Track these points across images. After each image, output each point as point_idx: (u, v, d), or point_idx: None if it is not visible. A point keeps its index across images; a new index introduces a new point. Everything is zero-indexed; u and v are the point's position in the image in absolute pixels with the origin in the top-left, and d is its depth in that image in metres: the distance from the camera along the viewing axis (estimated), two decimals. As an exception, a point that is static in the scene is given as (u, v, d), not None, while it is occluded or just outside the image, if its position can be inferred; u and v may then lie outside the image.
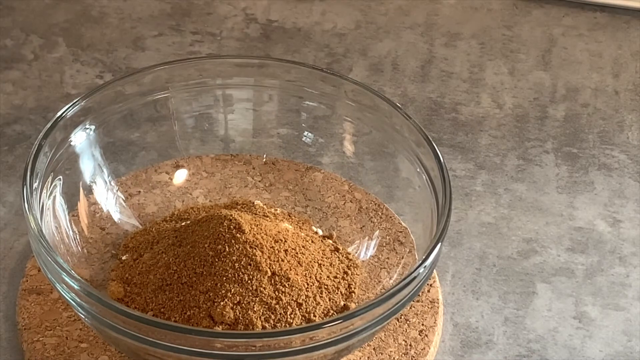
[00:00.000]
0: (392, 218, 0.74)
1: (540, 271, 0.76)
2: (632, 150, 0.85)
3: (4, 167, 0.80)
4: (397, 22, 0.96)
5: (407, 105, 0.88)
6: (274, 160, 0.78)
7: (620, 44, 0.95)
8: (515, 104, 0.89)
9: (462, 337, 0.71)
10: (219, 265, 0.66)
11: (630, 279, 0.76)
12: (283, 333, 0.60)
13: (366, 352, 0.68)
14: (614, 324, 0.73)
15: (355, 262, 0.71)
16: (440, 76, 0.91)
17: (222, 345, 0.59)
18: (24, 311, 0.69)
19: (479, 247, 0.77)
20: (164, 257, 0.68)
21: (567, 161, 0.84)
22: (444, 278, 0.75)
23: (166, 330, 0.59)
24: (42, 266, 0.63)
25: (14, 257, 0.74)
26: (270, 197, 0.76)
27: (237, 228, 0.67)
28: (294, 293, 0.66)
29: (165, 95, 0.75)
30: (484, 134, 0.86)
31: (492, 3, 0.98)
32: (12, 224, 0.76)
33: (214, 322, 0.65)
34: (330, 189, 0.76)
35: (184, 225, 0.71)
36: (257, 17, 0.95)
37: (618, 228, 0.79)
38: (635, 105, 0.89)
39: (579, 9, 0.98)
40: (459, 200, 0.80)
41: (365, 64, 0.91)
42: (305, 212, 0.75)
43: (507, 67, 0.92)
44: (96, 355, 0.67)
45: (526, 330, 0.72)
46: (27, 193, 0.64)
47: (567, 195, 0.82)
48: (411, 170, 0.72)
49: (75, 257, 0.70)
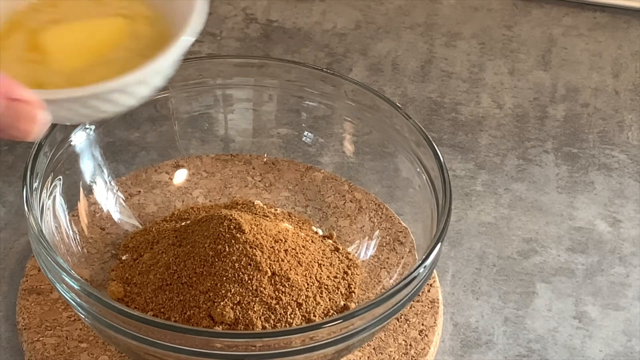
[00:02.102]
0: (392, 218, 0.74)
1: (540, 271, 0.76)
2: (632, 150, 0.85)
3: (4, 167, 0.80)
4: (397, 22, 0.96)
5: (407, 105, 0.88)
6: (274, 160, 0.78)
7: (620, 44, 0.95)
8: (515, 104, 0.89)
9: (462, 337, 0.71)
10: (219, 265, 0.66)
11: (630, 279, 0.76)
12: (283, 333, 0.60)
13: (366, 352, 0.68)
14: (614, 324, 0.73)
15: (355, 262, 0.71)
16: (440, 76, 0.91)
17: (222, 345, 0.59)
18: (24, 311, 0.69)
19: (479, 247, 0.77)
20: (164, 257, 0.68)
21: (567, 161, 0.84)
22: (444, 278, 0.75)
23: (166, 330, 0.59)
24: (42, 266, 0.63)
25: (14, 257, 0.74)
26: (270, 197, 0.76)
27: (237, 228, 0.67)
28: (294, 293, 0.66)
29: (165, 95, 0.75)
30: (484, 134, 0.86)
31: (492, 3, 0.98)
32: (12, 224, 0.76)
33: (214, 322, 0.65)
34: (330, 189, 0.76)
35: (184, 225, 0.71)
36: (257, 17, 0.95)
37: (618, 228, 0.79)
38: (635, 105, 0.89)
39: (579, 9, 0.98)
40: (459, 200, 0.80)
41: (365, 64, 0.91)
42: (305, 212, 0.75)
43: (507, 67, 0.92)
44: (96, 355, 0.67)
45: (526, 330, 0.72)
46: (27, 193, 0.64)
47: (567, 195, 0.82)
48: (411, 170, 0.72)
49: (75, 257, 0.70)
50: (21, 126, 0.51)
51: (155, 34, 0.60)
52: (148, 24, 0.60)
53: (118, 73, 0.56)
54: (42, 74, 0.57)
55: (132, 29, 0.60)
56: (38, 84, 0.57)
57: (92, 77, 0.57)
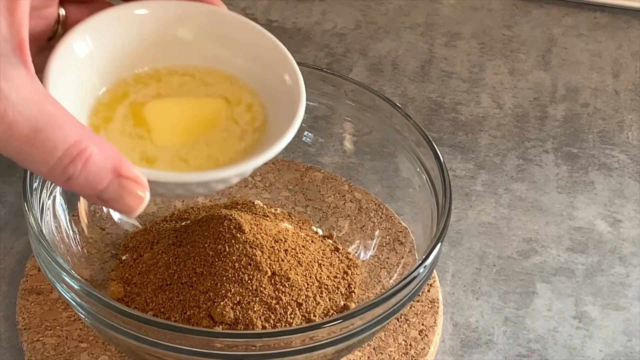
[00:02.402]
0: (392, 218, 0.74)
1: (540, 271, 0.76)
2: (632, 150, 0.85)
3: (4, 167, 0.80)
4: (397, 22, 0.96)
5: (407, 105, 0.88)
6: (274, 160, 0.78)
7: (620, 44, 0.95)
8: (515, 104, 0.89)
9: (462, 337, 0.71)
10: (219, 265, 0.66)
11: (630, 279, 0.76)
12: (283, 333, 0.60)
13: (366, 352, 0.68)
14: (614, 323, 0.73)
15: (355, 262, 0.71)
16: (440, 76, 0.91)
17: (222, 345, 0.59)
18: (24, 311, 0.69)
19: (479, 247, 0.77)
20: (164, 257, 0.68)
21: (567, 161, 0.84)
22: (444, 278, 0.75)
23: (166, 330, 0.59)
24: (42, 266, 0.63)
25: (14, 257, 0.74)
26: (270, 197, 0.76)
27: (237, 228, 0.67)
28: (294, 293, 0.66)
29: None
30: (484, 134, 0.86)
31: (492, 3, 0.98)
32: (12, 224, 0.76)
33: (214, 322, 0.65)
34: (330, 189, 0.76)
35: (184, 225, 0.71)
36: (257, 17, 0.95)
37: (618, 228, 0.79)
38: (635, 105, 0.89)
39: (579, 9, 0.98)
40: (459, 200, 0.80)
41: (365, 64, 0.91)
42: (305, 212, 0.75)
43: (507, 67, 0.92)
44: (96, 355, 0.67)
45: (526, 330, 0.72)
46: (27, 193, 0.64)
47: (567, 195, 0.82)
48: (411, 170, 0.72)
49: (75, 257, 0.70)
50: (125, 201, 0.54)
51: (253, 121, 0.62)
52: (247, 110, 0.62)
53: (220, 155, 0.59)
54: (150, 149, 0.59)
55: (231, 112, 0.62)
56: (147, 160, 0.59)
57: (197, 156, 0.60)
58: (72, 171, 0.52)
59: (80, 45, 0.60)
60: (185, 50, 0.63)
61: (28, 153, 0.52)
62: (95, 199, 0.54)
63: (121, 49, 0.62)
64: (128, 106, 0.61)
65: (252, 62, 0.63)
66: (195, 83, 0.63)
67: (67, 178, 0.52)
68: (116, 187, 0.53)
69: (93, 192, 0.53)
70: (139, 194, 0.54)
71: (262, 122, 0.62)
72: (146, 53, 0.62)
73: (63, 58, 0.58)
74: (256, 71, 0.63)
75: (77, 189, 0.53)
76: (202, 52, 0.63)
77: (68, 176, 0.52)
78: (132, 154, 0.59)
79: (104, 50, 0.61)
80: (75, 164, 0.52)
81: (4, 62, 0.52)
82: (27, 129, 0.51)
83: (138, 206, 0.54)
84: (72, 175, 0.52)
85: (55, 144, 0.52)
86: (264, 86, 0.63)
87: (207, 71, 0.63)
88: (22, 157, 0.52)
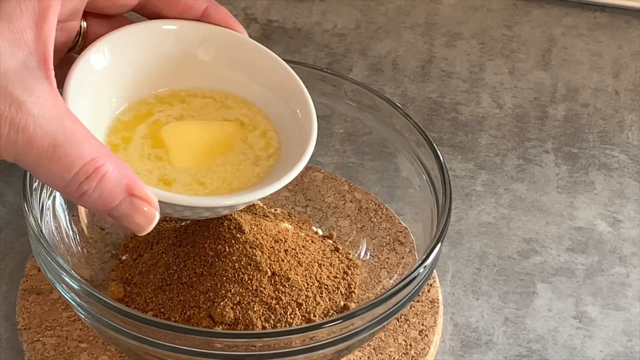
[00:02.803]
0: (392, 218, 0.74)
1: (540, 271, 0.76)
2: (632, 150, 0.85)
3: (4, 167, 0.80)
4: (397, 22, 0.96)
5: (407, 105, 0.88)
6: (274, 160, 0.78)
7: (620, 44, 0.95)
8: (515, 104, 0.89)
9: (462, 337, 0.71)
10: (219, 265, 0.66)
11: (630, 279, 0.76)
12: (283, 333, 0.60)
13: (366, 352, 0.68)
14: (614, 324, 0.73)
15: (355, 262, 0.71)
16: (440, 76, 0.91)
17: (222, 345, 0.59)
18: (24, 311, 0.69)
19: (479, 247, 0.77)
20: (164, 257, 0.68)
21: (567, 161, 0.84)
22: (444, 278, 0.75)
23: (166, 330, 0.59)
24: (42, 266, 0.63)
25: (14, 257, 0.74)
26: (270, 197, 0.76)
27: (237, 228, 0.67)
28: (294, 293, 0.66)
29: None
30: (484, 134, 0.86)
31: (492, 3, 0.98)
32: (12, 224, 0.76)
33: (214, 322, 0.65)
34: (330, 189, 0.76)
35: (184, 226, 0.71)
36: (257, 17, 0.95)
37: (618, 228, 0.79)
38: (635, 105, 0.89)
39: (579, 9, 0.98)
40: (459, 200, 0.80)
41: (365, 63, 0.91)
42: (305, 212, 0.75)
43: (507, 67, 0.92)
44: (96, 355, 0.67)
45: (526, 330, 0.72)
46: (27, 193, 0.64)
47: (567, 195, 0.82)
48: (411, 170, 0.72)
49: (75, 257, 0.70)
50: (134, 220, 0.55)
51: (267, 147, 0.63)
52: (261, 136, 0.63)
53: (234, 178, 0.61)
54: (169, 171, 0.61)
55: (245, 135, 0.63)
56: (165, 182, 0.60)
57: (213, 179, 0.61)
58: (86, 188, 0.53)
59: (100, 61, 0.60)
60: (203, 72, 0.64)
61: (46, 167, 0.53)
62: (106, 215, 0.55)
63: (140, 66, 0.62)
64: (148, 126, 0.62)
65: (267, 90, 0.63)
66: (216, 105, 0.64)
67: (82, 194, 0.53)
68: (128, 206, 0.54)
69: (105, 209, 0.54)
70: (149, 214, 0.55)
71: (275, 149, 0.63)
72: (165, 72, 0.63)
73: (82, 73, 0.58)
74: (270, 99, 0.63)
75: (90, 205, 0.54)
76: (219, 75, 0.64)
77: (82, 192, 0.53)
78: (151, 175, 0.60)
79: (124, 67, 0.61)
80: (90, 181, 0.53)
81: (29, 76, 0.52)
82: (47, 143, 0.52)
83: (147, 225, 0.56)
84: (87, 192, 0.53)
85: (72, 160, 0.53)
86: (277, 114, 0.64)
87: (225, 94, 0.64)
88: (39, 170, 0.53)
